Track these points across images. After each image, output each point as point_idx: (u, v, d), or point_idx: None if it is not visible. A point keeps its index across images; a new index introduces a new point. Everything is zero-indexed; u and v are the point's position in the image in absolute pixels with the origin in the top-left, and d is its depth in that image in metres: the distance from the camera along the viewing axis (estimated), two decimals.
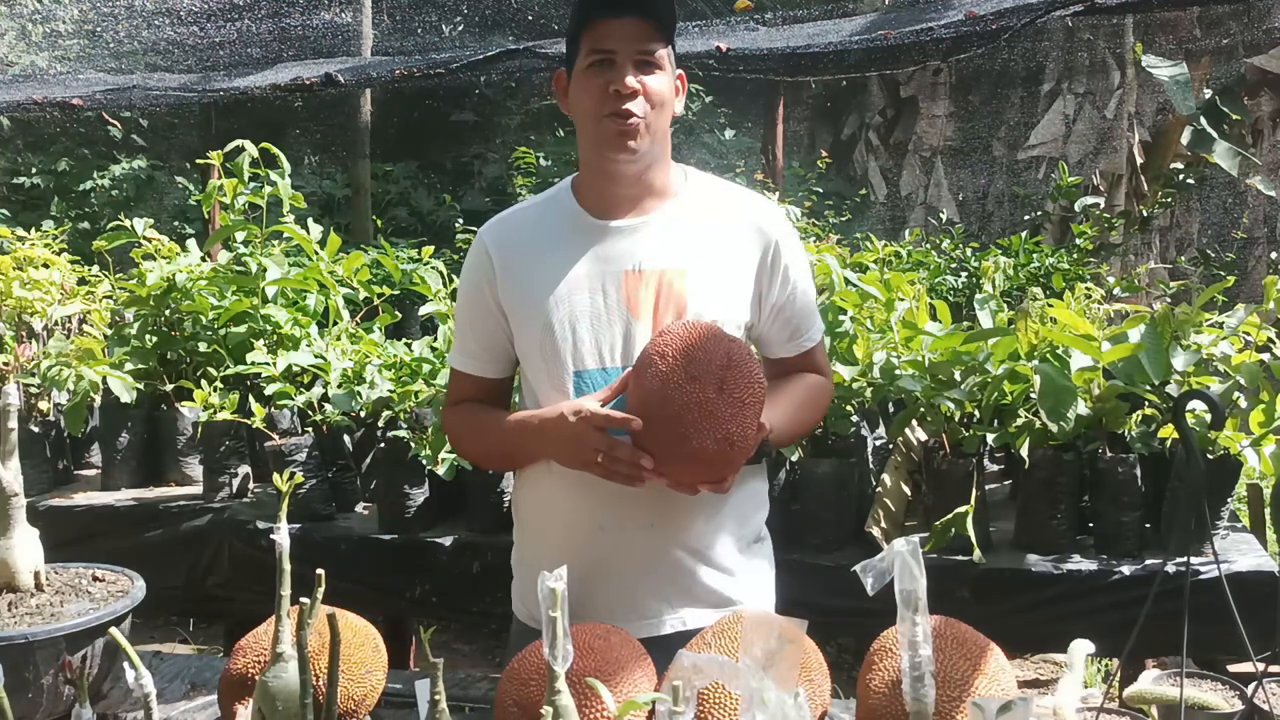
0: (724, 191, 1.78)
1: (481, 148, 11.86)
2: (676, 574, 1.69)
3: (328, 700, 1.32)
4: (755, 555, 1.79)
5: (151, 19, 7.60)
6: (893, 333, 2.63)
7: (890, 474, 2.67)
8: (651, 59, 1.62)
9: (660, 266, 1.67)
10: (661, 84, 1.64)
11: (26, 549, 1.63)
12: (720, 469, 1.55)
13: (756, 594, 1.77)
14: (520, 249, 1.72)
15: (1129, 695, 1.48)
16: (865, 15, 6.70)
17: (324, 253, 3.25)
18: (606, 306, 1.66)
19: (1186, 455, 1.44)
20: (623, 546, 1.67)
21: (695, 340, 1.53)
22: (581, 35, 1.63)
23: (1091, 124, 10.09)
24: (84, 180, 10.87)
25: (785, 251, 1.73)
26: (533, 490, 1.77)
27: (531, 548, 1.80)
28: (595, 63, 1.62)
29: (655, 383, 1.51)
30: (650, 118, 1.63)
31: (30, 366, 3.16)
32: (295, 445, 2.81)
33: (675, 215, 1.71)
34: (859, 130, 11.61)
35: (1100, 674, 3.80)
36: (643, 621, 1.67)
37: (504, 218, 1.80)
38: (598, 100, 1.62)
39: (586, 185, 1.73)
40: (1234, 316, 2.54)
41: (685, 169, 1.78)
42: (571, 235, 1.70)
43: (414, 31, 8.73)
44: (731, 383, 1.51)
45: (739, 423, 1.52)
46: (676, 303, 1.65)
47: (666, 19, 1.63)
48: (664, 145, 1.70)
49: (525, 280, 1.69)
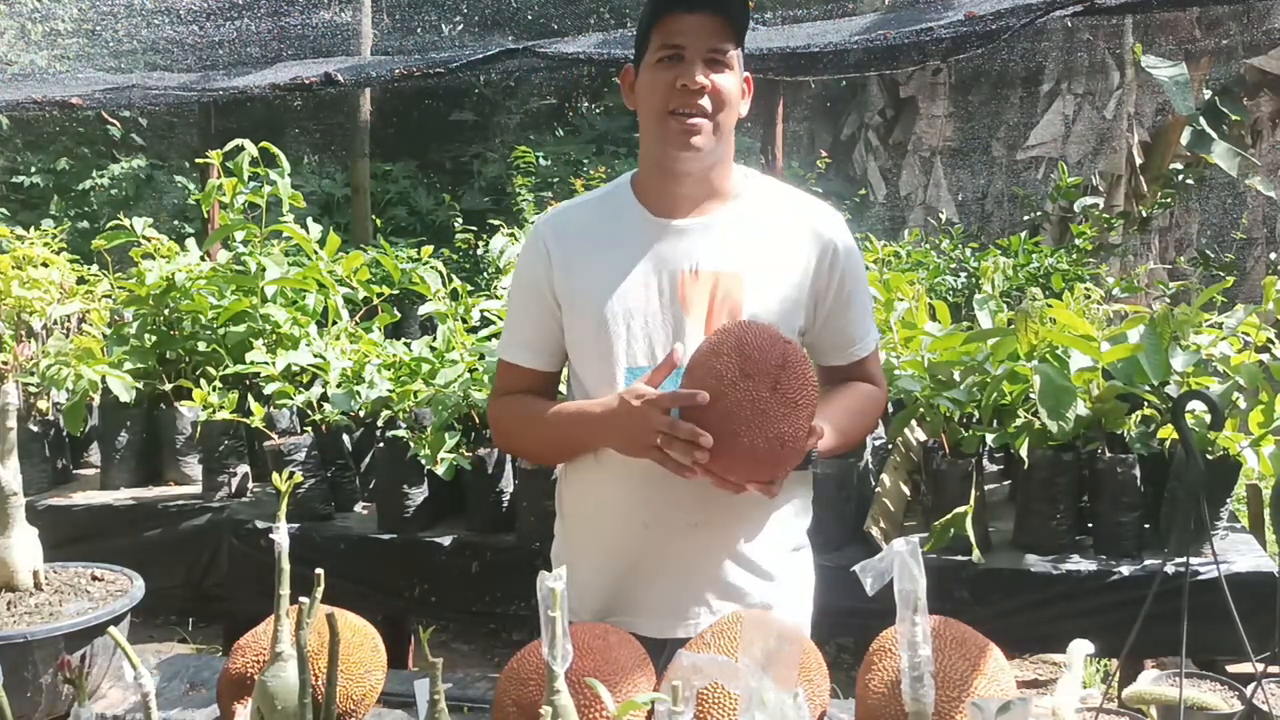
0: (785, 196, 1.77)
1: (481, 147, 11.86)
2: (717, 576, 1.68)
3: (326, 700, 1.32)
4: (796, 562, 1.78)
5: (151, 18, 7.61)
6: (892, 333, 2.63)
7: (890, 474, 2.67)
8: (722, 57, 1.60)
9: (717, 268, 1.65)
10: (730, 83, 1.62)
11: (25, 548, 1.63)
12: (770, 469, 1.53)
13: (795, 601, 1.76)
14: (578, 242, 1.71)
15: (1128, 695, 1.48)
16: (865, 15, 6.71)
17: (323, 252, 3.25)
18: (661, 305, 1.65)
19: (1186, 456, 1.44)
20: (666, 545, 1.66)
21: (751, 339, 1.52)
22: (653, 29, 1.61)
23: (1091, 124, 10.10)
24: (83, 179, 10.87)
25: (843, 258, 1.71)
26: (580, 485, 1.76)
27: (575, 542, 1.79)
28: (665, 57, 1.60)
29: (709, 379, 1.50)
30: (717, 117, 1.61)
31: (29, 366, 3.16)
32: (294, 445, 2.81)
33: (735, 217, 1.69)
34: (858, 130, 11.61)
35: (1099, 674, 3.81)
36: (680, 622, 1.67)
37: (562, 210, 1.79)
38: (665, 95, 1.60)
39: (647, 182, 1.71)
40: (1233, 317, 2.54)
41: (746, 170, 1.76)
42: (630, 232, 1.69)
43: (413, 31, 8.74)
44: (786, 383, 1.50)
45: (791, 423, 1.50)
46: (731, 304, 1.64)
47: (740, 18, 1.61)
48: (728, 146, 1.68)
49: (582, 274, 1.68)
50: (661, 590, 1.67)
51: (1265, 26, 9.20)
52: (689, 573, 1.67)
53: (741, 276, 1.65)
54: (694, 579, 1.67)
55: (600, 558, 1.71)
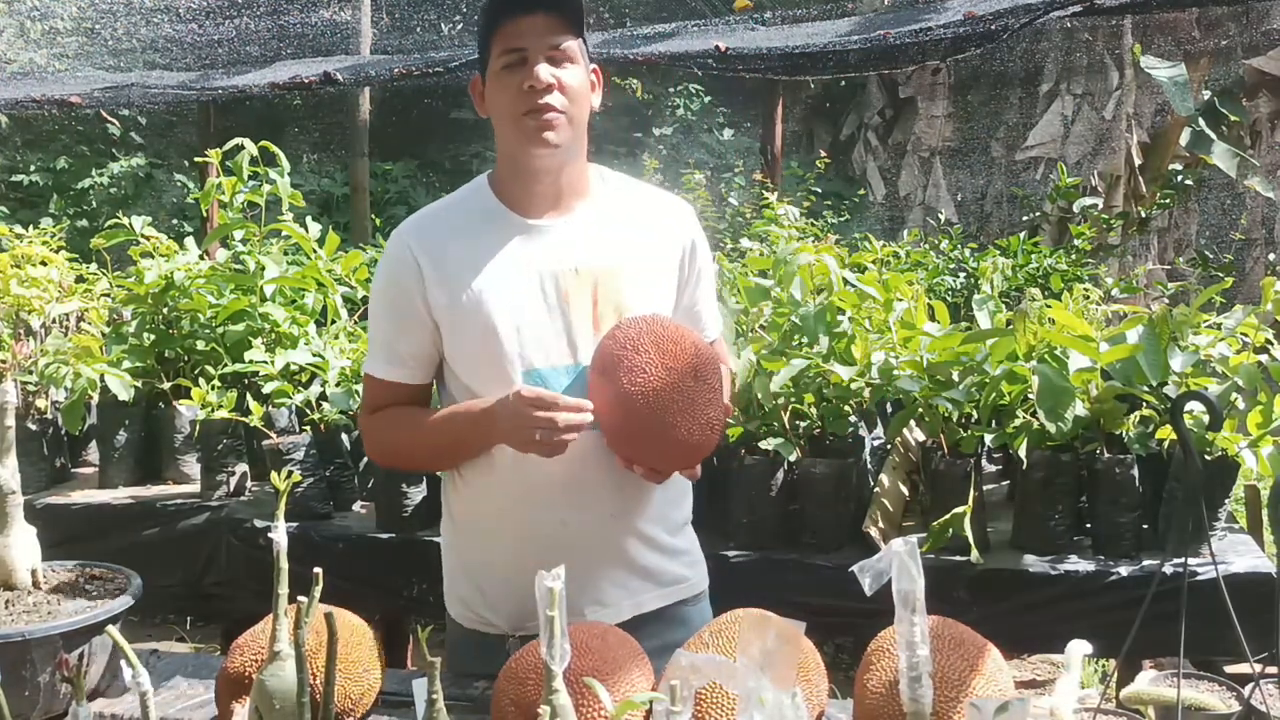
0: (641, 191, 1.83)
1: (480, 146, 11.86)
2: (632, 560, 1.75)
3: (325, 699, 1.32)
4: (688, 536, 1.88)
5: (150, 16, 7.61)
6: (891, 333, 2.63)
7: (888, 474, 2.67)
8: (562, 52, 1.64)
9: (595, 265, 1.70)
10: (575, 77, 1.66)
11: (24, 547, 1.63)
12: (703, 453, 1.61)
13: (696, 571, 1.87)
14: (448, 251, 1.71)
15: (1126, 696, 1.48)
16: (864, 15, 6.71)
17: (322, 251, 3.24)
18: (547, 306, 1.68)
19: (1184, 456, 1.44)
20: (585, 539, 1.70)
21: (662, 332, 1.58)
22: (492, 37, 1.65)
23: (1090, 125, 10.10)
24: (82, 178, 10.87)
25: (699, 251, 1.81)
26: (481, 492, 1.76)
27: (481, 549, 1.79)
28: (508, 64, 1.64)
29: (634, 376, 1.53)
30: (568, 110, 1.65)
31: (28, 364, 3.15)
32: (293, 444, 2.81)
33: (600, 213, 1.75)
34: (858, 130, 11.61)
35: (1097, 674, 3.81)
36: (604, 609, 1.71)
37: (423, 218, 1.77)
38: (514, 99, 1.64)
39: (508, 184, 1.73)
40: (1232, 318, 2.54)
41: (600, 169, 1.81)
42: (500, 234, 1.71)
43: (413, 30, 8.74)
44: (703, 369, 1.58)
45: (716, 406, 1.59)
46: (614, 301, 1.69)
47: (573, 12, 1.65)
48: (581, 140, 1.72)
49: (460, 284, 1.68)
50: (583, 582, 1.68)
51: (1264, 27, 9.20)
52: (608, 561, 1.73)
53: (618, 272, 1.71)
54: (612, 567, 1.74)
55: (515, 562, 1.70)
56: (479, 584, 1.78)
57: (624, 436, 1.59)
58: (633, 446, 1.59)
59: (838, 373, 2.51)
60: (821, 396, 2.62)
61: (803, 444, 2.60)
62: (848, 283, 2.74)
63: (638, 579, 1.75)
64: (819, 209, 7.69)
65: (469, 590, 1.80)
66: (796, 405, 2.59)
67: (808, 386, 2.60)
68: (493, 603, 1.76)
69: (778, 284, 2.73)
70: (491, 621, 1.76)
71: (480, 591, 1.78)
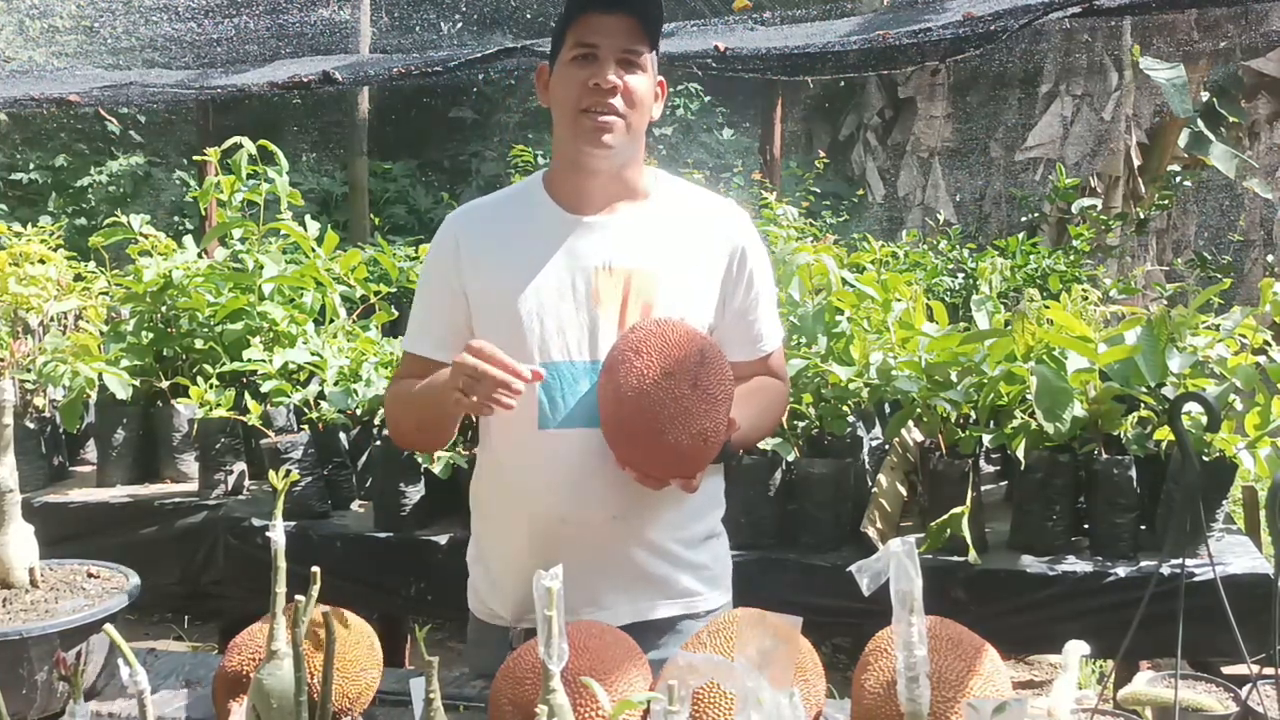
0: (695, 195, 1.81)
1: (479, 146, 11.86)
2: (636, 567, 1.72)
3: (322, 698, 1.32)
4: (712, 550, 1.82)
5: (149, 15, 7.60)
6: (889, 333, 2.63)
7: (886, 474, 2.67)
8: (635, 59, 1.64)
9: (630, 265, 1.69)
10: (642, 85, 1.65)
11: (21, 545, 1.62)
12: (693, 464, 1.58)
13: (714, 587, 1.80)
14: (488, 238, 1.73)
15: (1123, 696, 1.48)
16: (864, 15, 6.71)
17: (321, 250, 3.24)
18: (575, 301, 1.67)
19: (1182, 457, 1.44)
20: (584, 539, 1.68)
21: (670, 337, 1.57)
22: (569, 28, 1.64)
23: (1089, 126, 10.10)
24: (81, 176, 10.86)
25: (751, 257, 1.76)
26: (493, 482, 1.77)
27: (492, 541, 1.80)
28: (579, 56, 1.63)
29: (631, 378, 1.54)
30: (629, 116, 1.64)
31: (26, 362, 3.15)
32: (291, 443, 2.81)
33: (646, 215, 1.73)
34: (857, 131, 11.61)
35: (1095, 675, 3.81)
36: (600, 612, 1.69)
37: (473, 206, 1.81)
38: (578, 94, 1.63)
39: (560, 179, 1.74)
40: (1230, 319, 2.54)
41: (657, 173, 1.80)
42: (541, 228, 1.72)
43: (412, 29, 8.74)
44: (705, 380, 1.56)
45: (712, 419, 1.56)
46: (644, 301, 1.68)
47: (654, 21, 1.64)
48: (639, 146, 1.72)
49: (493, 269, 1.70)
50: (580, 584, 1.66)
51: (1263, 29, 9.20)
52: (607, 566, 1.70)
53: (653, 274, 1.69)
54: (612, 571, 1.71)
55: (519, 556, 1.71)
56: (486, 572, 1.79)
57: (616, 436, 1.59)
58: (624, 447, 1.59)
59: (836, 373, 2.52)
60: (820, 396, 2.62)
61: (801, 444, 2.60)
62: (846, 283, 2.75)
63: (641, 585, 1.72)
64: (818, 209, 7.70)
65: (485, 583, 1.80)
66: (795, 405, 2.59)
67: (806, 386, 2.60)
68: (498, 592, 1.76)
69: (776, 284, 2.73)
70: (498, 612, 1.76)
71: (488, 579, 1.79)
